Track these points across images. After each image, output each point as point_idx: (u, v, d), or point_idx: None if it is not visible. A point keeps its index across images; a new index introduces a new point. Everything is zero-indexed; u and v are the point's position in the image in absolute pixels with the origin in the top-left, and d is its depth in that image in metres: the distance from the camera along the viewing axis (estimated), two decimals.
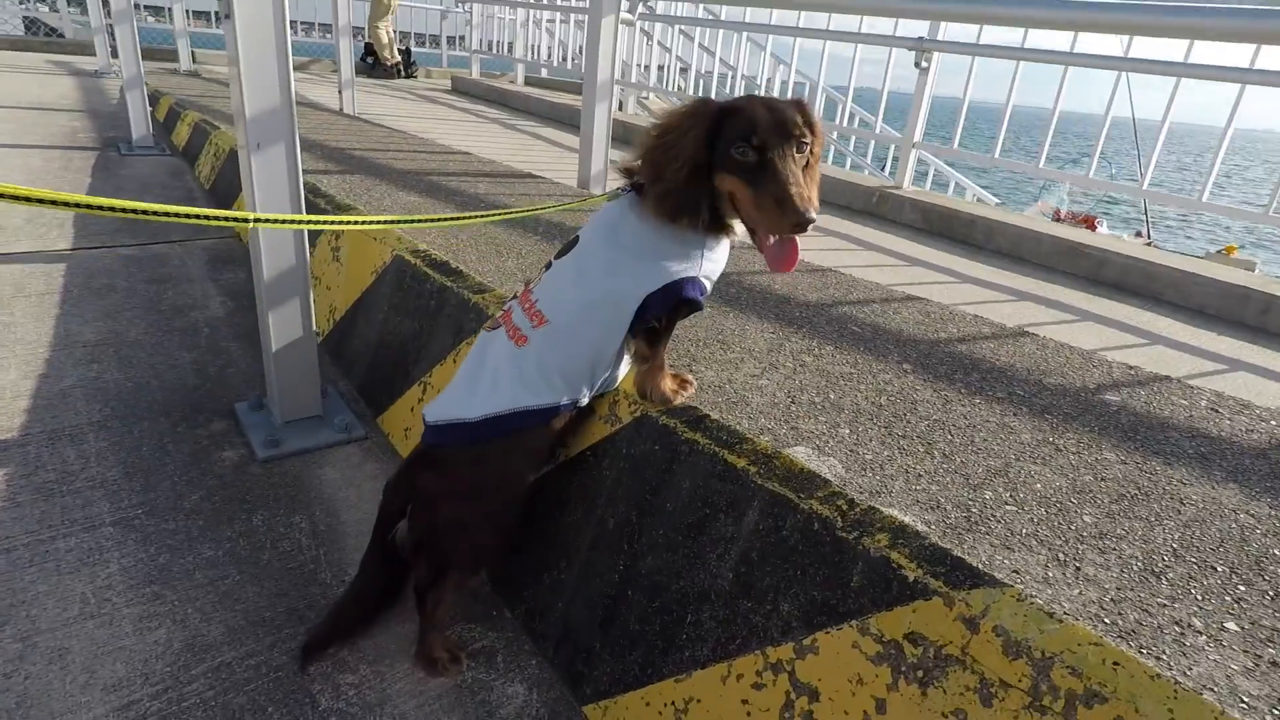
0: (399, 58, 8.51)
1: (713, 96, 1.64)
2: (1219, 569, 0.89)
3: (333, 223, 0.97)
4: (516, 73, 7.85)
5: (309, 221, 0.94)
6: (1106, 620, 0.78)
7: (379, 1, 7.91)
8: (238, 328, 2.31)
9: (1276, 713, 0.68)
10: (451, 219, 1.11)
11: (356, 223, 0.99)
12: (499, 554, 1.33)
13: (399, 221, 1.12)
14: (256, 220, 0.85)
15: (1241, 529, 0.98)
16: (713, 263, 1.14)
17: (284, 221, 0.92)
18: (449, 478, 1.19)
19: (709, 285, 1.14)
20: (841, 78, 4.98)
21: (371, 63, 8.33)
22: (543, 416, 1.16)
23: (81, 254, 2.74)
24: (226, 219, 0.82)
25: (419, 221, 1.15)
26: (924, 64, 3.73)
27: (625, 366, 1.25)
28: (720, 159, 1.02)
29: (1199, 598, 0.84)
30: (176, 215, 0.81)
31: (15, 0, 9.80)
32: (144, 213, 0.80)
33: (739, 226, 1.11)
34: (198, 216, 0.84)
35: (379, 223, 1.01)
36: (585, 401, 1.22)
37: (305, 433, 1.79)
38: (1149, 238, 7.55)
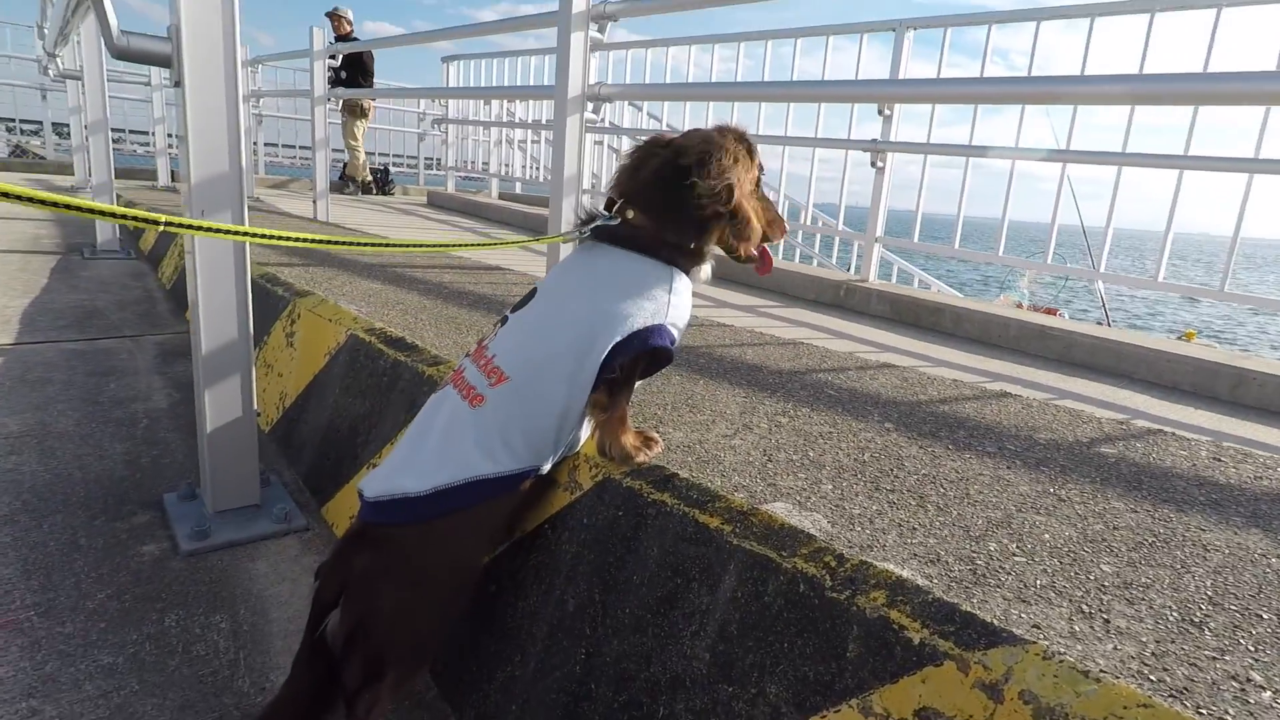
0: (369, 174, 8.73)
1: None
2: (1265, 616, 0.78)
3: (267, 236, 0.88)
4: (491, 187, 8.09)
5: (231, 231, 0.85)
6: (1152, 678, 0.66)
7: (353, 110, 8.18)
8: (180, 419, 2.17)
9: None
10: (404, 245, 1.03)
11: (298, 239, 0.91)
12: (441, 649, 1.16)
13: (344, 243, 1.03)
14: (168, 224, 0.76)
15: (1277, 574, 0.88)
16: (679, 309, 1.06)
17: (210, 230, 0.83)
18: (390, 558, 1.03)
19: (678, 334, 1.07)
20: (799, 191, 5.20)
21: (343, 180, 8.54)
22: (502, 487, 1.02)
23: (22, 348, 2.60)
24: (140, 219, 0.73)
25: (368, 245, 1.06)
26: (879, 164, 3.88)
27: (588, 429, 1.14)
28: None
29: (1251, 648, 0.72)
30: (93, 211, 0.72)
31: (4, 128, 10.08)
32: (68, 207, 0.71)
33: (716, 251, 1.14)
34: (115, 215, 0.75)
35: (325, 242, 0.93)
36: (548, 469, 1.10)
37: (239, 523, 1.62)
38: (1109, 325, 7.75)
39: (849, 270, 5.33)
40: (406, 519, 1.00)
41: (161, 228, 0.76)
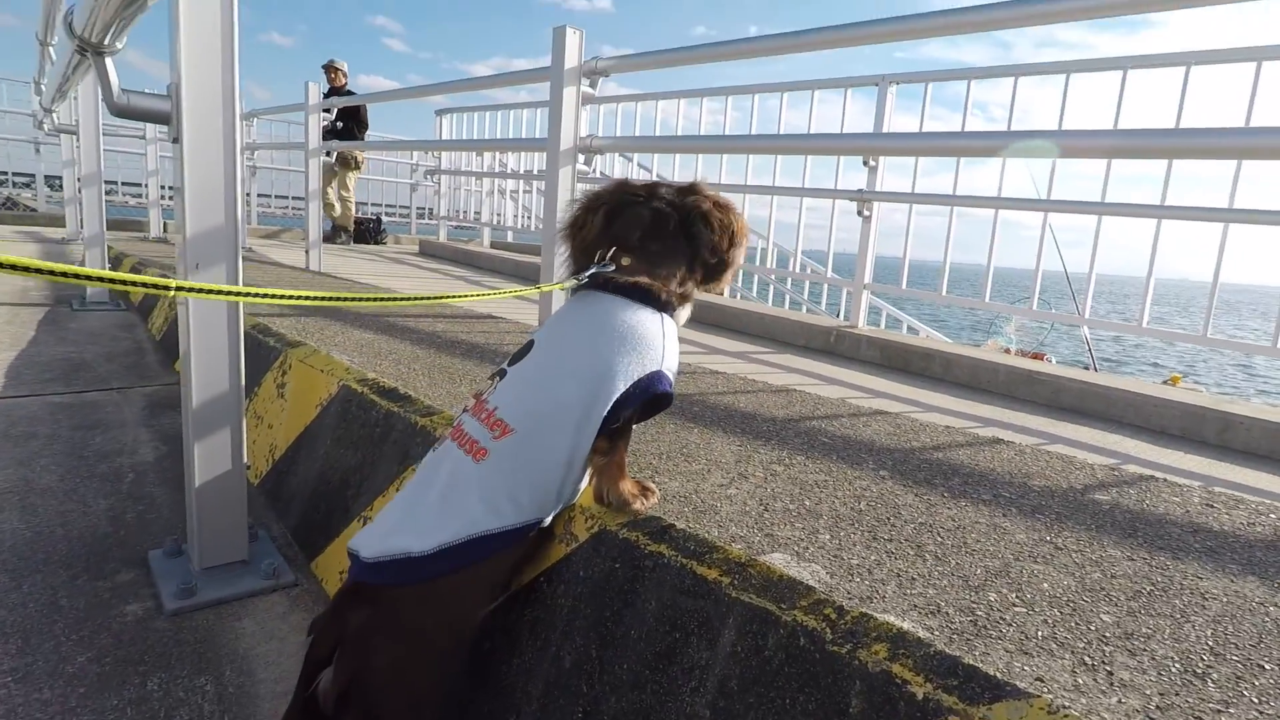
0: (350, 223, 8.78)
1: None
2: (1267, 667, 0.77)
3: (264, 295, 0.88)
4: (483, 236, 8.18)
5: (238, 293, 0.86)
6: None
7: (346, 162, 8.28)
8: (166, 472, 2.14)
9: None
10: (396, 299, 1.04)
11: (288, 296, 0.91)
12: (439, 710, 1.13)
13: (338, 299, 1.04)
14: (179, 289, 0.76)
15: (1276, 623, 0.87)
16: (673, 353, 1.08)
17: (209, 292, 0.84)
18: (388, 614, 1.01)
19: (674, 378, 1.08)
20: (786, 239, 5.28)
21: (334, 230, 8.60)
22: (506, 542, 1.01)
23: (7, 401, 2.58)
24: (140, 284, 0.73)
25: (365, 300, 1.07)
26: (865, 213, 3.96)
27: (586, 479, 1.14)
28: None
29: (1255, 700, 0.71)
30: (101, 279, 0.72)
31: None
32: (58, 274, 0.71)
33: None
34: (116, 282, 0.75)
35: (314, 299, 0.93)
36: (550, 520, 1.09)
37: (225, 580, 1.58)
38: (1096, 369, 7.83)
39: (838, 316, 5.39)
40: (409, 579, 0.98)
41: (172, 294, 0.76)
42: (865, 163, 3.77)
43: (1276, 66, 2.66)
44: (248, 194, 8.41)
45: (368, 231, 9.24)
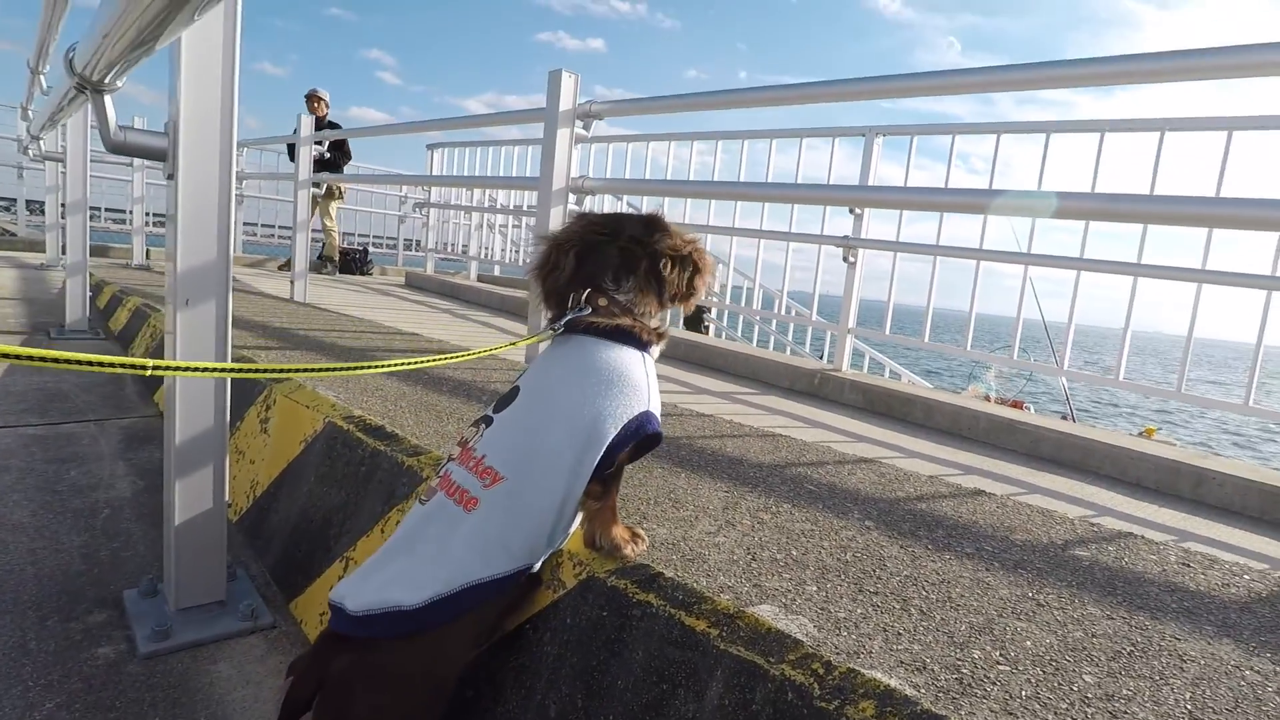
0: (336, 253, 8.77)
1: None
2: None
3: (247, 370, 0.89)
4: (470, 269, 8.21)
5: (220, 370, 0.86)
6: None
7: (329, 192, 8.30)
8: (143, 508, 2.10)
9: None
10: (381, 367, 1.05)
11: (274, 371, 0.92)
12: None
13: (327, 370, 1.04)
14: (156, 368, 0.77)
15: (1252, 687, 0.89)
16: (656, 391, 1.10)
17: (190, 370, 0.84)
18: (372, 661, 0.99)
19: (659, 415, 1.09)
20: (773, 280, 5.36)
21: (321, 260, 8.60)
22: (497, 589, 1.01)
23: None
24: (121, 365, 0.74)
25: (344, 370, 1.08)
26: (851, 259, 4.04)
27: (576, 523, 1.14)
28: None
29: None
30: (70, 361, 0.73)
31: None
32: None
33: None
34: (92, 364, 0.76)
35: (301, 371, 0.94)
36: (539, 566, 1.09)
37: (202, 621, 1.55)
38: (1073, 419, 7.93)
39: (822, 358, 5.45)
40: (399, 633, 0.97)
41: (149, 373, 0.77)
42: (851, 210, 3.85)
43: (1247, 135, 2.78)
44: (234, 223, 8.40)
45: (354, 262, 9.24)
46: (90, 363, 0.78)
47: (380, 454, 1.63)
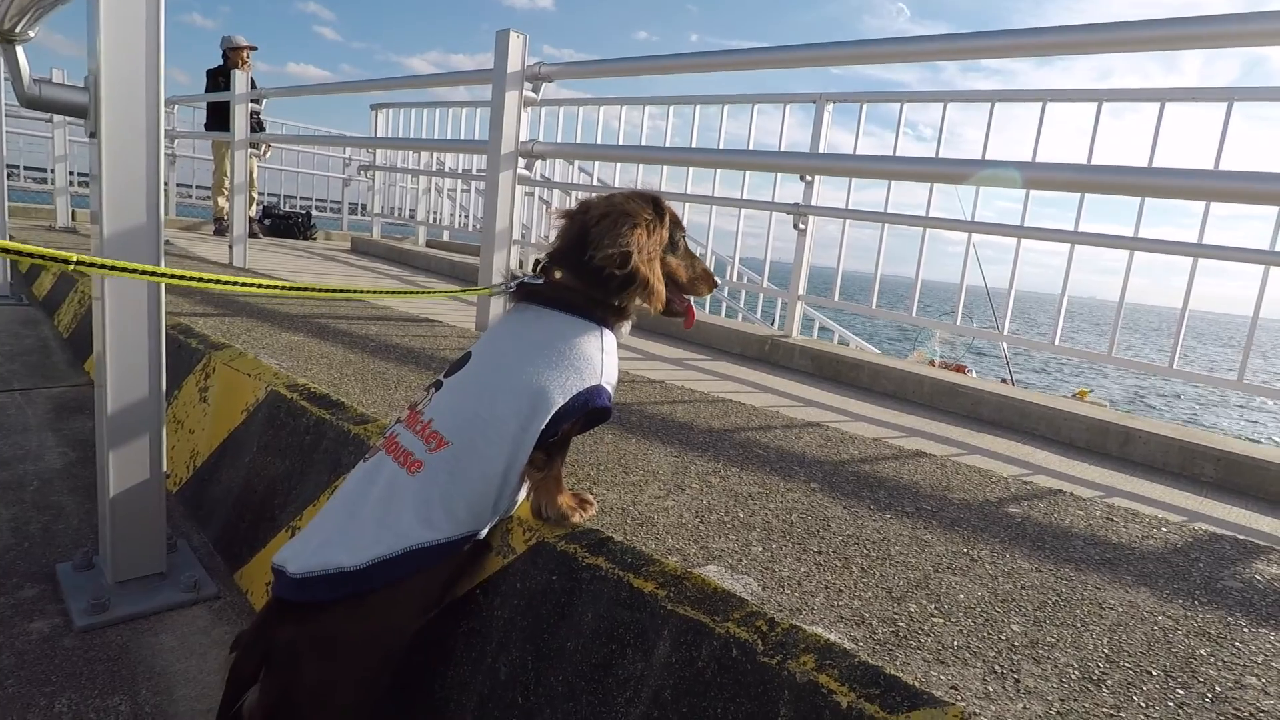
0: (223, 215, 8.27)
1: None
2: (1154, 673, 0.84)
3: (187, 278, 0.85)
4: (418, 235, 8.01)
5: (154, 273, 0.82)
6: None
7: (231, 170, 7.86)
8: (76, 480, 2.03)
9: None
10: (331, 290, 1.02)
11: (220, 281, 0.89)
12: None
13: (275, 287, 1.01)
14: (79, 262, 0.73)
15: (1164, 631, 0.95)
16: (611, 367, 1.10)
17: (126, 270, 0.81)
18: (318, 629, 0.98)
19: (612, 391, 1.09)
20: (725, 247, 5.38)
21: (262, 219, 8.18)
22: (441, 554, 1.00)
23: None
24: (51, 258, 0.70)
25: (295, 289, 1.04)
26: (801, 226, 4.07)
27: (524, 492, 1.14)
28: (671, 246, 1.16)
29: (1143, 704, 0.77)
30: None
31: None
32: None
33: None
34: (24, 253, 0.72)
35: (247, 285, 0.91)
36: (486, 533, 1.09)
37: (142, 594, 1.52)
38: (1013, 382, 8.24)
39: (773, 325, 5.51)
40: (340, 595, 0.96)
41: (71, 267, 0.73)
42: (802, 177, 3.87)
43: (1180, 108, 2.87)
44: (165, 184, 7.98)
45: (296, 225, 8.92)
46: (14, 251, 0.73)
47: (326, 423, 1.60)
